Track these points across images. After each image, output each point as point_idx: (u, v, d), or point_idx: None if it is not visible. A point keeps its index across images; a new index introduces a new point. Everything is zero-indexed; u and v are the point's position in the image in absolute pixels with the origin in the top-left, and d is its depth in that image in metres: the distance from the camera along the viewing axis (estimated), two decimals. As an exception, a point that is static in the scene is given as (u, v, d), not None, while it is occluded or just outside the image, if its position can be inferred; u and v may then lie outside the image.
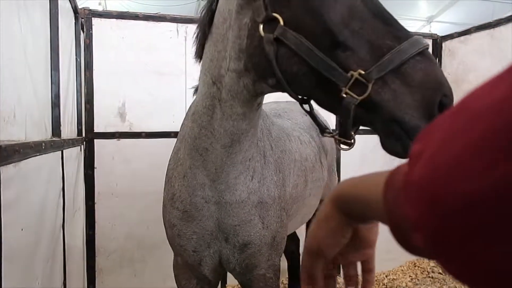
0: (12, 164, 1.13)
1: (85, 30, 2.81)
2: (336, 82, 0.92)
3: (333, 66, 0.93)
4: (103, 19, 2.87)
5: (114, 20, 2.89)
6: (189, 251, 1.47)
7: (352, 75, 0.90)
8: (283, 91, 1.08)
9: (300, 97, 1.08)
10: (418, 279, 3.46)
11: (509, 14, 3.24)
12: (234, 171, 1.35)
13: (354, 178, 0.57)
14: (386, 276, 3.48)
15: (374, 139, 1.02)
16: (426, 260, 3.72)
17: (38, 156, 1.40)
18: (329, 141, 2.39)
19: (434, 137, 0.35)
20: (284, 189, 1.54)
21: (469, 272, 0.32)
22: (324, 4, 0.96)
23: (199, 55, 1.35)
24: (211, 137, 1.29)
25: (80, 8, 2.73)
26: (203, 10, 1.29)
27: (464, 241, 0.30)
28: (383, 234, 0.49)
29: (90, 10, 2.84)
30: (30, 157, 1.29)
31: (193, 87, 1.52)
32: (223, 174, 1.35)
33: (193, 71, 3.01)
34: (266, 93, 1.22)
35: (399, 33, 0.91)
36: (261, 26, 1.02)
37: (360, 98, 0.89)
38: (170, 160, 1.57)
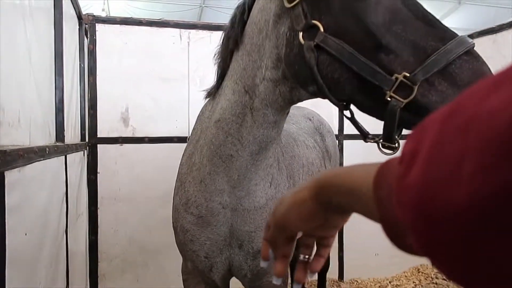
0: (17, 168, 1.14)
1: (89, 36, 2.83)
2: (381, 86, 0.91)
3: (377, 70, 0.92)
4: (106, 25, 2.89)
5: (117, 26, 2.91)
6: (201, 257, 1.46)
7: (396, 78, 0.89)
8: (323, 97, 1.09)
9: (341, 103, 1.08)
10: (421, 285, 3.44)
11: (511, 19, 3.24)
12: (256, 177, 1.37)
13: (338, 168, 0.57)
14: (389, 282, 3.46)
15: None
16: (429, 266, 3.70)
17: (42, 161, 1.40)
18: (332, 146, 2.39)
19: (428, 136, 0.34)
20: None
21: (463, 275, 0.32)
22: (365, 8, 0.96)
23: (227, 64, 1.35)
24: (237, 144, 1.29)
25: (84, 14, 2.75)
26: (234, 21, 1.30)
27: (461, 248, 0.30)
28: (387, 241, 0.48)
29: (94, 16, 2.86)
30: (34, 162, 1.30)
31: (205, 90, 1.51)
32: (245, 181, 1.35)
33: (196, 76, 3.02)
34: (303, 100, 1.23)
35: (443, 34, 0.90)
36: (300, 34, 1.03)
37: (406, 101, 0.88)
38: (182, 164, 1.56)
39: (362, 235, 3.45)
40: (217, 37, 1.40)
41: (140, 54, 2.94)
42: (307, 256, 0.69)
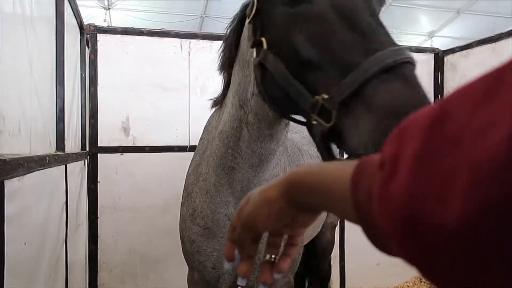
0: (16, 178, 1.14)
1: (90, 45, 2.85)
2: (304, 109, 0.85)
3: (301, 90, 0.85)
4: (108, 35, 2.91)
5: (119, 36, 2.93)
6: (208, 268, 1.45)
7: (317, 101, 0.81)
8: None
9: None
10: (424, 295, 3.41)
11: (510, 28, 3.26)
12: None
13: (310, 166, 0.54)
14: (391, 292, 3.43)
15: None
16: (432, 276, 3.67)
17: (42, 170, 1.40)
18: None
19: (412, 141, 0.33)
20: None
21: (448, 285, 0.31)
22: (294, 20, 0.90)
23: (229, 76, 1.34)
24: (238, 157, 1.29)
25: (86, 24, 2.77)
26: (229, 32, 1.30)
27: (448, 261, 0.29)
28: None
29: (95, 26, 2.88)
30: (34, 171, 1.30)
31: (211, 100, 1.51)
32: (249, 193, 1.34)
33: (196, 86, 3.03)
34: None
35: (370, 46, 0.78)
36: (253, 51, 1.02)
37: (328, 125, 0.79)
38: (189, 174, 1.56)
39: (363, 245, 3.41)
40: (218, 46, 1.41)
41: (141, 63, 2.95)
42: (273, 256, 0.66)
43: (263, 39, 0.97)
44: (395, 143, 0.35)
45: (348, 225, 3.39)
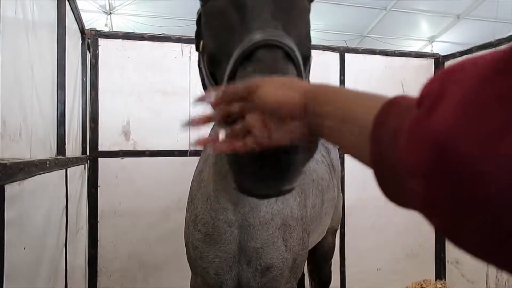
0: (17, 182, 1.14)
1: (91, 50, 2.86)
2: None
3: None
4: (109, 40, 2.92)
5: (120, 40, 2.94)
6: (210, 274, 1.45)
7: None
8: None
9: None
10: (425, 301, 3.39)
11: (510, 33, 3.26)
12: None
13: (336, 87, 0.52)
14: (392, 298, 3.41)
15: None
16: (432, 281, 3.65)
17: (42, 174, 1.40)
18: (336, 159, 2.39)
19: (464, 85, 0.31)
20: (306, 210, 1.52)
21: (460, 233, 0.30)
22: (204, 18, 0.90)
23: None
24: (226, 163, 1.29)
25: (87, 29, 2.78)
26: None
27: (472, 205, 0.28)
28: (389, 256, 0.47)
29: (96, 31, 2.90)
30: (34, 175, 1.30)
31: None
32: (245, 197, 1.31)
33: (197, 90, 3.04)
34: None
35: (244, 35, 0.73)
36: (199, 54, 1.02)
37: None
38: (193, 181, 1.56)
39: (364, 250, 3.42)
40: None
41: (141, 68, 2.96)
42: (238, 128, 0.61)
43: (201, 42, 0.97)
44: (440, 83, 0.34)
45: (348, 230, 3.39)
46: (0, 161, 1.01)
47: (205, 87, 0.97)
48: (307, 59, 0.87)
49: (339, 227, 2.88)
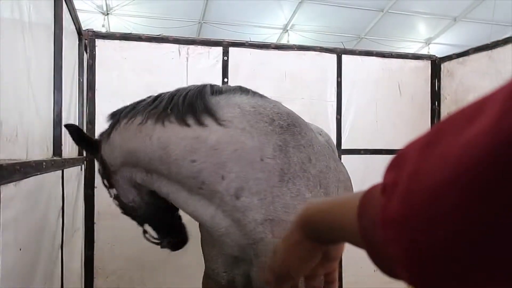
0: (13, 183, 1.13)
1: (88, 51, 2.85)
2: None
3: None
4: (106, 41, 2.92)
5: (117, 41, 2.94)
6: (220, 273, 1.49)
7: None
8: None
9: None
10: (421, 302, 3.40)
11: (506, 36, 3.28)
12: (208, 202, 1.38)
13: (321, 202, 0.56)
14: (389, 299, 3.42)
15: (377, 159, 1.02)
16: (429, 283, 3.66)
17: (39, 175, 1.40)
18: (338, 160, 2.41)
19: (407, 167, 0.34)
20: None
21: None
22: None
23: None
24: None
25: (84, 30, 2.77)
26: None
27: (451, 280, 0.30)
28: None
29: (93, 31, 2.89)
30: (30, 176, 1.29)
31: None
32: (207, 211, 1.38)
33: (195, 92, 3.03)
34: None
35: None
36: None
37: None
38: None
39: (361, 251, 3.41)
40: (216, 52, 1.42)
41: (139, 69, 2.96)
42: None
43: None
44: (394, 168, 0.36)
45: (345, 231, 3.38)
46: (-4, 162, 1.00)
47: None
48: None
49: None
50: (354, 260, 3.40)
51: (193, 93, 1.46)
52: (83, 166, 2.75)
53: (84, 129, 2.79)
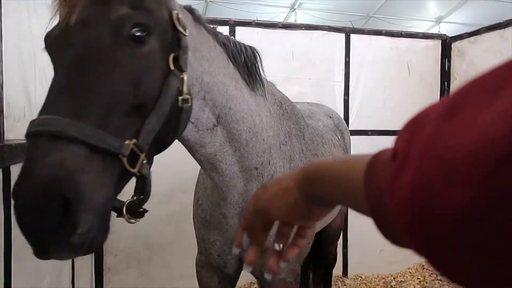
0: (23, 163, 1.14)
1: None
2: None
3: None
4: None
5: (123, 21, 2.90)
6: (213, 255, 1.50)
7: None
8: None
9: None
10: (426, 282, 3.43)
11: (520, 14, 3.20)
12: (239, 180, 1.32)
13: (326, 159, 0.56)
14: (394, 278, 3.46)
15: (384, 140, 1.01)
16: (434, 263, 3.69)
17: (47, 156, 1.41)
18: (348, 143, 2.38)
19: (422, 134, 0.33)
20: None
21: (459, 275, 0.32)
22: None
23: None
24: (200, 163, 1.31)
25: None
26: None
27: (457, 249, 0.30)
28: None
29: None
30: (39, 157, 1.30)
31: None
32: (230, 189, 1.33)
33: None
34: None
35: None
36: None
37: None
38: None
39: (366, 232, 3.43)
40: (223, 32, 1.39)
41: (145, 49, 2.94)
42: (281, 245, 0.67)
43: None
44: (407, 134, 0.36)
45: (351, 212, 3.40)
46: (5, 142, 1.01)
47: None
48: (143, 105, 0.87)
49: (342, 209, 2.90)
50: (360, 241, 3.43)
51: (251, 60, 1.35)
52: (91, 146, 2.77)
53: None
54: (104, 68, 0.81)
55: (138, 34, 0.85)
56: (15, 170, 1.09)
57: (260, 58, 1.34)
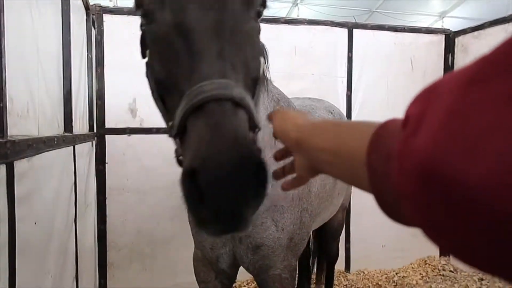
0: (26, 159, 1.15)
1: (96, 26, 2.83)
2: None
3: (162, 111, 0.89)
4: (114, 16, 2.89)
5: (125, 16, 2.90)
6: (206, 248, 1.49)
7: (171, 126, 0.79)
8: None
9: None
10: (428, 277, 3.43)
11: (524, 8, 3.17)
12: None
13: (327, 122, 0.56)
14: (396, 274, 3.46)
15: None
16: (436, 258, 3.68)
17: (50, 151, 1.41)
18: None
19: (441, 101, 0.32)
20: (308, 189, 1.53)
21: (460, 248, 0.31)
22: (149, 38, 0.89)
23: None
24: None
25: (92, 5, 2.74)
26: None
27: (464, 221, 0.28)
28: (393, 233, 0.47)
29: (101, 6, 2.86)
30: (42, 152, 1.31)
31: None
32: None
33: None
34: None
35: (195, 75, 0.73)
36: (146, 63, 1.03)
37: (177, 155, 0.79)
38: None
39: (369, 227, 3.44)
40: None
41: (147, 44, 2.93)
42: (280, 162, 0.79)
43: (147, 51, 0.95)
44: (422, 102, 0.34)
45: (354, 207, 3.41)
46: (9, 138, 1.02)
47: (155, 99, 0.94)
48: (256, 79, 0.87)
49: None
50: (362, 237, 3.44)
51: None
52: (94, 142, 2.78)
53: (94, 105, 2.80)
54: (244, 38, 0.81)
55: (259, 10, 0.89)
56: (19, 166, 1.10)
57: (267, 54, 1.34)
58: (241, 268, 1.56)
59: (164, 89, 0.85)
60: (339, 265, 3.38)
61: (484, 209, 0.27)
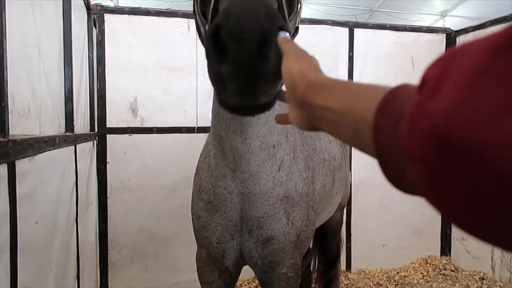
0: (27, 158, 1.15)
1: (97, 26, 2.83)
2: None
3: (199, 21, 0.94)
4: (115, 15, 2.89)
5: (126, 16, 2.91)
6: (213, 243, 1.47)
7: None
8: None
9: None
10: (429, 276, 3.43)
11: (525, 7, 3.17)
12: (255, 158, 1.30)
13: (336, 81, 0.53)
14: (397, 273, 3.46)
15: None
16: (437, 257, 3.68)
17: (52, 151, 1.42)
18: None
19: (464, 65, 0.31)
20: (313, 187, 1.53)
21: (464, 216, 0.30)
22: None
23: None
24: (222, 122, 1.26)
25: (93, 4, 2.75)
26: None
27: (474, 187, 0.28)
28: (394, 232, 0.47)
29: (102, 6, 2.86)
30: (44, 151, 1.31)
31: None
32: (242, 162, 1.30)
33: (204, 67, 3.01)
34: None
35: None
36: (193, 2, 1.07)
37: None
38: (200, 154, 1.59)
39: (370, 226, 3.44)
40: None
41: (148, 44, 2.94)
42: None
43: None
44: (441, 66, 0.34)
45: (355, 206, 3.41)
46: (10, 137, 1.02)
47: (199, 33, 0.99)
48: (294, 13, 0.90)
49: (346, 204, 2.90)
50: (363, 236, 3.44)
51: None
52: (95, 141, 2.78)
53: (95, 105, 2.80)
54: None
55: None
56: (20, 165, 1.10)
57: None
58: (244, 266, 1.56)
59: (205, 2, 0.87)
60: (340, 264, 3.38)
61: (499, 175, 0.27)
